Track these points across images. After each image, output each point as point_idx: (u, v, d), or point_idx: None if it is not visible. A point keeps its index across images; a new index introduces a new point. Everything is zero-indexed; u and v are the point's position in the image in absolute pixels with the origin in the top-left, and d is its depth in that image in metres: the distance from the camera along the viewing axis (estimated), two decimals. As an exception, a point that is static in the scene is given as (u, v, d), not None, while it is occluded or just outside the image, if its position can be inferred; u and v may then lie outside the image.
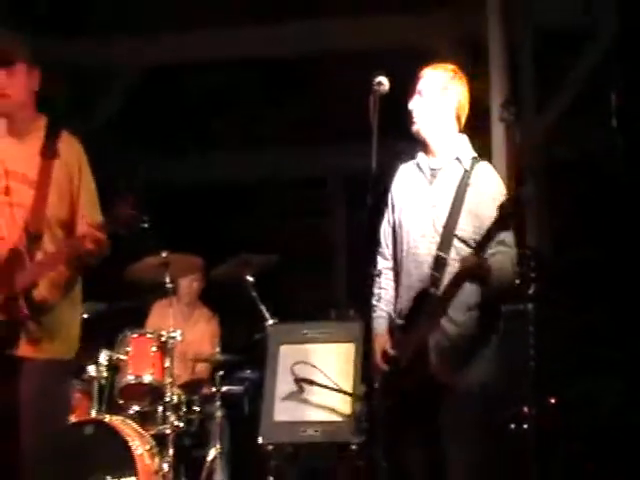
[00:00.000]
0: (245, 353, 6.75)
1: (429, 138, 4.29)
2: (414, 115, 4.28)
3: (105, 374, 6.22)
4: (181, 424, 6.21)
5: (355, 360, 5.60)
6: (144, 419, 6.19)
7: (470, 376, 4.21)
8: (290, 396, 5.67)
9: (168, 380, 6.17)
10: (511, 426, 5.51)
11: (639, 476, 5.72)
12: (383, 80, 4.24)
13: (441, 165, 4.30)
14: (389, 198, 4.47)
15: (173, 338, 6.26)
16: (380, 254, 4.47)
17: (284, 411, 5.70)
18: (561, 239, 6.67)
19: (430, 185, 4.29)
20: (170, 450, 6.03)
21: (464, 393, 4.18)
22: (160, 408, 6.19)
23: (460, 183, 4.22)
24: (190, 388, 6.52)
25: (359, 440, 5.30)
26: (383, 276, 4.45)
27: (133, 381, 6.23)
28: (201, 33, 8.04)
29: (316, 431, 5.59)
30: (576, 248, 6.73)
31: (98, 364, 6.18)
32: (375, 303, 4.42)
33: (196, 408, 6.42)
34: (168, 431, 6.09)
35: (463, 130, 4.35)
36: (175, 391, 6.22)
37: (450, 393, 4.20)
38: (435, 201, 4.26)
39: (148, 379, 6.21)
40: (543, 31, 7.20)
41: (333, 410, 5.59)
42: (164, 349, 6.24)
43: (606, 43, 7.02)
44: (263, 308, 6.32)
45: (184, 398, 6.32)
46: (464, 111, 4.32)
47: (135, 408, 6.23)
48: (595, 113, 6.96)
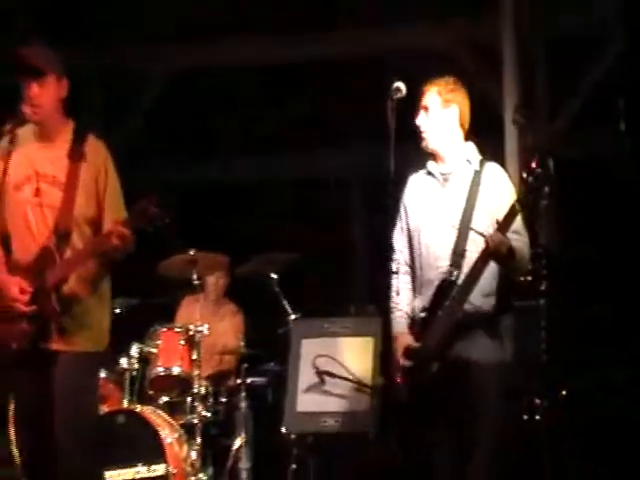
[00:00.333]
0: (269, 347, 6.76)
1: (438, 148, 4.48)
2: (421, 130, 4.47)
3: (136, 366, 6.27)
4: (208, 414, 6.25)
5: (374, 353, 5.64)
6: (173, 409, 6.26)
7: (489, 355, 4.34)
8: (312, 388, 5.73)
9: (196, 372, 6.21)
10: (524, 417, 5.41)
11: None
12: (400, 86, 4.44)
13: (452, 169, 4.48)
14: (401, 207, 4.60)
15: (200, 332, 6.29)
16: (395, 260, 4.60)
17: (306, 402, 5.74)
18: (569, 239, 6.63)
19: (443, 188, 4.47)
20: (198, 439, 6.08)
21: (484, 371, 4.33)
22: (188, 399, 6.23)
23: (472, 182, 4.41)
24: (217, 380, 6.57)
25: (377, 430, 5.44)
26: (399, 279, 4.59)
27: (163, 373, 6.28)
28: (224, 41, 8.04)
29: (336, 421, 5.64)
30: (584, 247, 6.66)
31: (130, 356, 6.25)
32: (394, 305, 4.56)
33: (222, 399, 6.47)
34: (196, 421, 6.14)
35: (476, 133, 4.52)
36: (202, 383, 6.27)
37: (471, 373, 4.33)
38: (449, 201, 4.43)
39: (177, 371, 6.27)
40: (556, 36, 7.18)
41: (353, 401, 5.62)
42: (192, 342, 6.28)
43: (617, 49, 6.99)
44: (286, 304, 6.41)
45: (211, 389, 6.37)
46: (467, 118, 4.52)
47: (164, 398, 6.30)
48: (604, 117, 6.89)
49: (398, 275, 4.59)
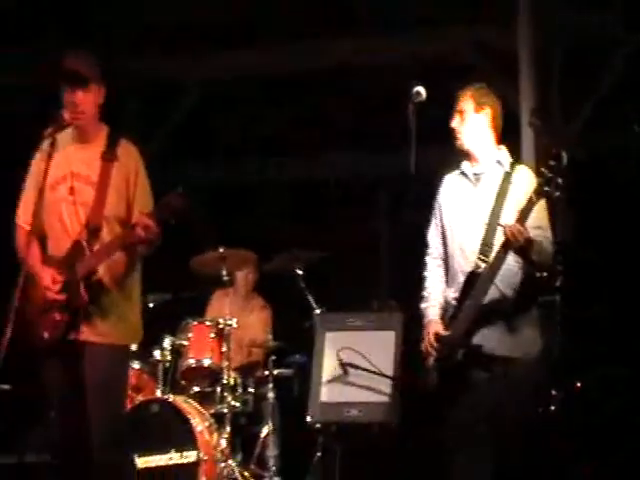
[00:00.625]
0: (295, 340, 6.80)
1: (471, 150, 4.66)
2: (456, 132, 4.65)
3: (169, 358, 6.40)
4: (237, 404, 6.37)
5: (395, 346, 5.69)
6: (204, 399, 6.32)
7: (517, 344, 4.48)
8: (335, 379, 5.76)
9: (225, 364, 6.33)
10: (539, 409, 5.37)
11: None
12: (420, 90, 4.65)
13: (484, 170, 4.66)
14: (436, 205, 4.78)
15: (230, 325, 6.40)
16: (429, 254, 4.79)
17: (330, 393, 5.78)
18: (581, 237, 6.57)
19: (475, 188, 4.65)
20: (227, 427, 6.17)
21: (513, 359, 4.45)
22: (218, 389, 6.33)
23: (502, 182, 4.57)
24: (245, 371, 6.67)
25: (399, 420, 5.53)
26: (433, 272, 4.77)
27: (194, 364, 6.40)
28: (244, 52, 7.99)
29: (359, 411, 5.67)
30: (595, 245, 6.66)
31: (163, 349, 6.38)
32: (427, 294, 4.75)
33: (250, 389, 6.59)
34: (225, 410, 6.24)
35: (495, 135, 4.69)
36: (231, 374, 6.38)
37: (500, 360, 4.44)
38: (481, 200, 4.60)
39: (207, 363, 6.38)
40: (570, 41, 7.14)
41: (375, 392, 5.64)
42: (222, 335, 6.39)
43: (629, 51, 7.04)
44: (311, 299, 6.49)
45: (240, 380, 6.48)
46: (499, 122, 4.68)
47: (196, 389, 6.41)
48: (619, 118, 6.95)
49: (432, 268, 4.77)
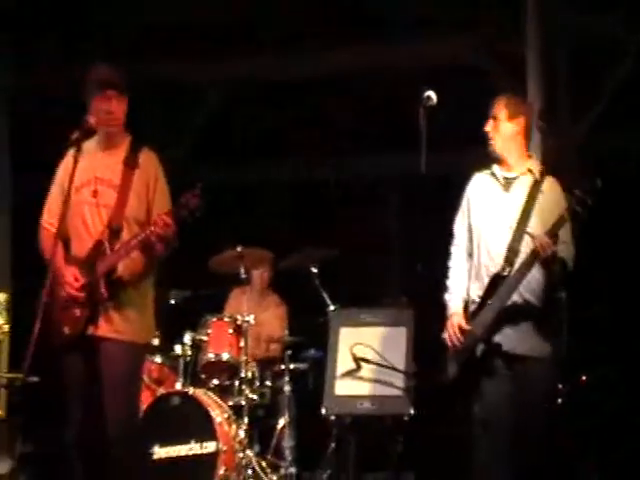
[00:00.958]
0: (310, 335, 6.88)
1: (503, 155, 4.79)
2: (490, 136, 4.79)
3: (189, 352, 6.49)
4: (254, 397, 6.46)
5: (406, 341, 5.74)
6: (223, 392, 6.43)
7: (536, 344, 4.63)
8: (349, 373, 5.81)
9: (243, 358, 6.43)
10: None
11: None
12: (431, 94, 4.80)
13: (514, 176, 4.78)
14: (464, 200, 4.90)
15: (247, 321, 6.51)
16: (455, 245, 4.91)
17: (344, 386, 5.81)
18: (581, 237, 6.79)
19: (505, 192, 4.77)
20: (245, 419, 6.26)
21: (532, 358, 4.61)
22: (236, 382, 6.42)
23: (531, 190, 4.71)
24: (262, 365, 6.75)
25: (410, 412, 5.58)
26: (458, 264, 4.88)
27: (213, 359, 6.51)
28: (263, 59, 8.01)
29: (372, 404, 5.72)
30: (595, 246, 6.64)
31: (183, 344, 6.49)
32: (450, 285, 4.87)
33: (267, 383, 6.69)
34: (243, 402, 6.32)
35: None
36: (249, 368, 6.47)
37: (519, 359, 4.60)
38: (509, 205, 4.73)
39: (226, 357, 6.49)
40: (576, 43, 7.18)
41: (387, 385, 5.69)
42: (240, 331, 6.50)
43: (636, 50, 7.08)
44: (325, 295, 6.55)
45: (257, 374, 6.57)
46: (530, 132, 4.86)
47: (215, 382, 6.50)
48: (626, 120, 7.10)
49: (457, 259, 4.89)
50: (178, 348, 6.52)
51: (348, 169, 9.28)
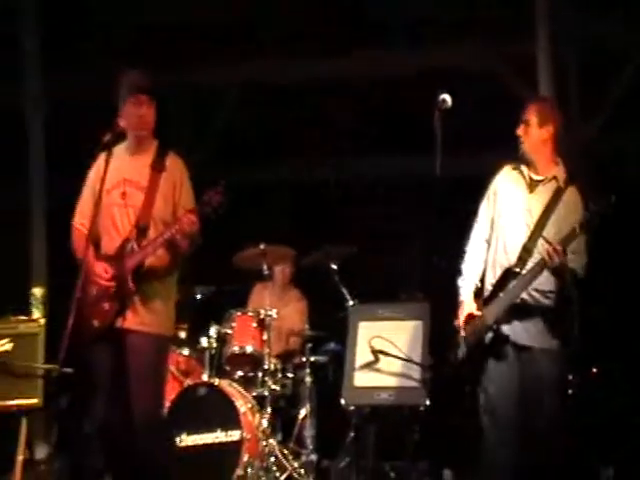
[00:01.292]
0: (330, 329, 6.99)
1: (531, 158, 4.91)
2: (521, 140, 4.91)
3: (215, 345, 6.63)
4: (277, 388, 6.58)
5: (423, 335, 5.86)
6: (246, 383, 6.56)
7: (543, 336, 4.74)
8: (367, 365, 5.92)
9: (266, 351, 6.56)
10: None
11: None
12: (446, 97, 4.92)
13: (541, 179, 4.89)
14: (491, 189, 4.98)
15: (270, 316, 6.64)
16: (476, 229, 4.99)
17: (362, 378, 5.93)
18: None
19: (529, 193, 4.89)
20: (268, 409, 6.40)
21: (539, 349, 4.73)
22: (260, 374, 6.55)
23: (553, 196, 4.82)
24: (284, 357, 6.89)
25: (426, 403, 5.71)
26: (475, 249, 4.97)
27: (237, 351, 6.63)
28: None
29: (390, 395, 5.83)
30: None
31: (209, 337, 6.62)
32: (464, 270, 4.97)
33: (289, 374, 6.80)
34: (266, 393, 6.45)
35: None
36: (272, 360, 6.60)
37: (526, 349, 4.72)
38: (531, 207, 4.86)
39: (250, 349, 6.61)
40: (588, 47, 7.32)
41: (404, 377, 5.81)
42: (263, 325, 6.63)
43: None
44: (345, 291, 6.65)
45: (279, 366, 6.69)
46: (559, 137, 4.92)
47: (239, 373, 6.63)
48: (634, 121, 7.19)
49: (475, 244, 4.99)
50: (204, 341, 6.65)
51: (374, 169, 9.37)
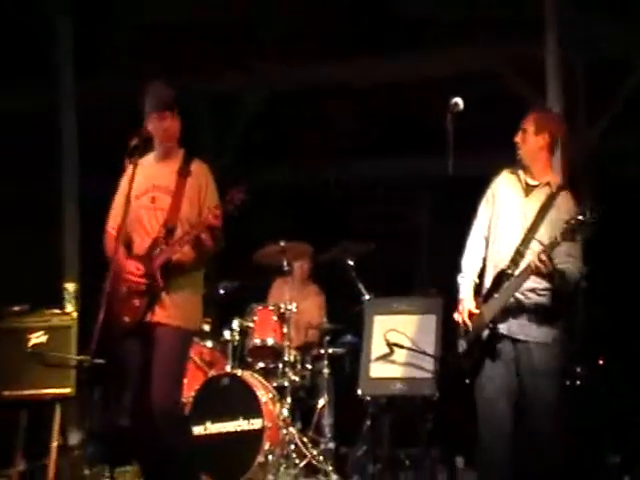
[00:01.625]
0: (347, 322, 7.12)
1: (528, 165, 5.01)
2: (518, 147, 5.01)
3: (237, 338, 6.82)
4: (296, 378, 6.73)
5: (436, 328, 5.98)
6: (267, 374, 6.72)
7: (539, 331, 4.82)
8: (383, 357, 6.06)
9: (286, 343, 6.72)
10: (566, 382, 5.88)
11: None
12: (458, 101, 5.05)
13: (536, 184, 4.98)
14: (490, 191, 5.06)
15: (289, 310, 6.80)
16: (475, 226, 5.06)
17: (378, 369, 6.07)
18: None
19: (524, 198, 4.98)
20: (288, 399, 6.55)
21: (536, 343, 4.80)
22: (280, 365, 6.71)
23: (546, 201, 4.91)
24: (303, 350, 7.03)
25: (439, 393, 5.83)
26: (474, 246, 5.05)
27: (259, 343, 6.82)
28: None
29: (404, 386, 5.98)
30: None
31: (232, 330, 6.81)
32: (463, 267, 5.03)
33: (308, 366, 6.96)
34: (286, 384, 6.61)
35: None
36: (292, 352, 6.74)
37: (522, 343, 4.82)
38: (525, 211, 4.95)
39: (271, 342, 6.79)
40: (595, 55, 7.44)
41: (418, 369, 5.95)
42: (283, 318, 6.79)
43: None
44: (361, 286, 6.77)
45: (299, 358, 6.84)
46: (555, 146, 5.03)
47: (260, 365, 6.81)
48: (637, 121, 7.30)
49: (474, 241, 5.06)
50: (227, 334, 6.84)
51: (395, 170, 9.45)
